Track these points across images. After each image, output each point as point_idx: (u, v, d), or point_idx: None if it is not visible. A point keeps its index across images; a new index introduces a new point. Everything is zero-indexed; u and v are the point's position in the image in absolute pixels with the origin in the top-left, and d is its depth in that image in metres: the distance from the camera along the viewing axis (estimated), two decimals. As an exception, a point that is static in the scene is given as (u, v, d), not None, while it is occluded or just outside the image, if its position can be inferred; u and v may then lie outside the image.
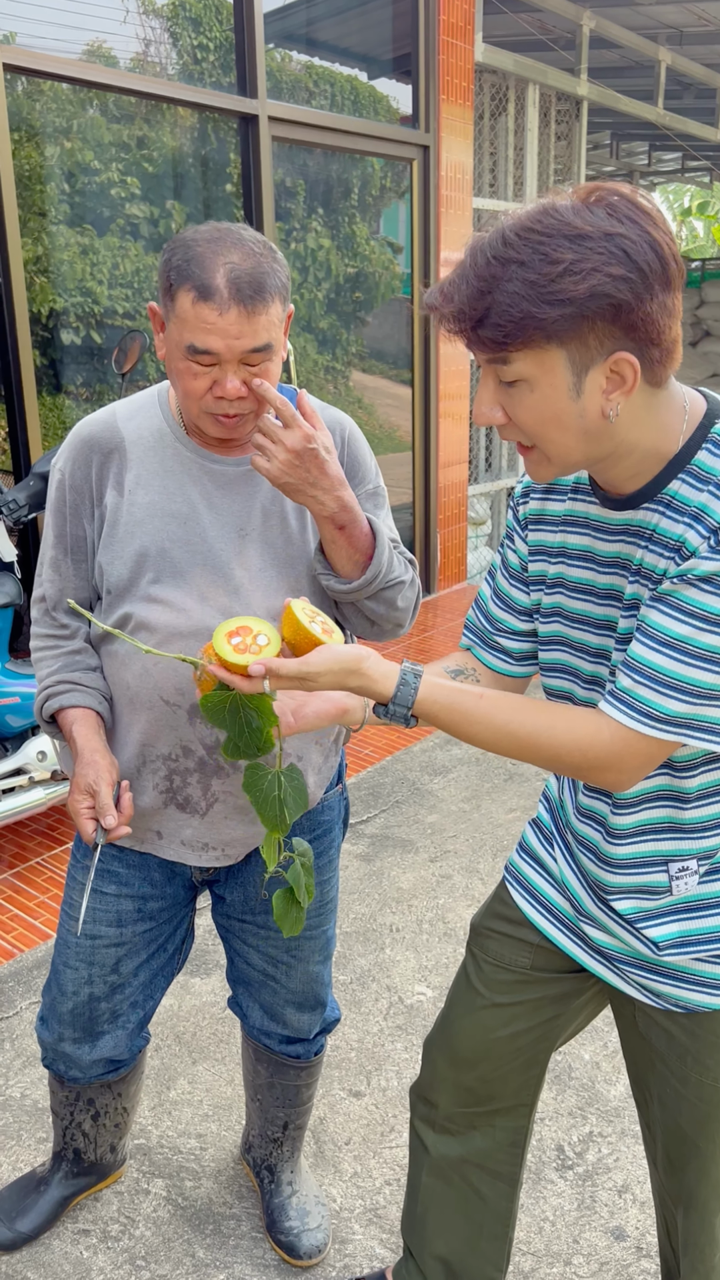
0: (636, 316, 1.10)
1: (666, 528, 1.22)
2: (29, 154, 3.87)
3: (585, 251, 1.08)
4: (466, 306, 1.12)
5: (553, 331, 1.10)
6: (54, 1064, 1.88)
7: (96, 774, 1.56)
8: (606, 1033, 2.60)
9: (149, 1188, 2.14)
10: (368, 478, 1.70)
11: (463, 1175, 1.69)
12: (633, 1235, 2.05)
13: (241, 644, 1.26)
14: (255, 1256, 2.00)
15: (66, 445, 1.65)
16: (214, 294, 1.42)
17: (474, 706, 1.28)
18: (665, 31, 7.58)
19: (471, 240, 1.15)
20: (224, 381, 1.47)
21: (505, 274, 1.09)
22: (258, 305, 1.43)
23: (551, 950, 1.55)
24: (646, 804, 1.36)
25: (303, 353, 5.35)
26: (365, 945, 2.95)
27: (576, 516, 1.36)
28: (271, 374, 1.50)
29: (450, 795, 3.87)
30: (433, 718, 1.28)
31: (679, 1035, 1.43)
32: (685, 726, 1.21)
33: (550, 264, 1.08)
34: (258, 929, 1.80)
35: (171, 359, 1.50)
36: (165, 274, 1.48)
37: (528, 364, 1.14)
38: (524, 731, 1.27)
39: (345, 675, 1.25)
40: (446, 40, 5.56)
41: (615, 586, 1.31)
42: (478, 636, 1.53)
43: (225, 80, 4.55)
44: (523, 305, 1.09)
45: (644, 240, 1.09)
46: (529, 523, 1.43)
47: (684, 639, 1.18)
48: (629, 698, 1.22)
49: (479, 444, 7.12)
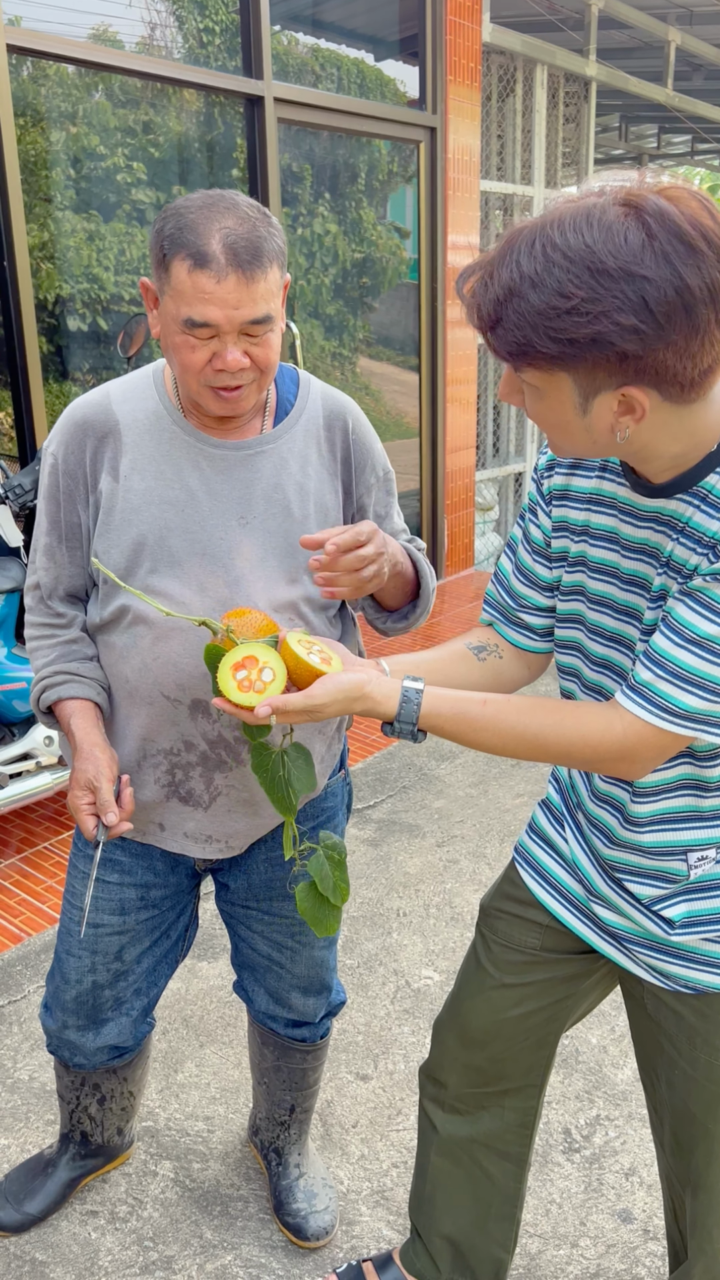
0: (646, 364, 1.06)
1: (701, 522, 1.20)
2: (34, 138, 3.85)
3: (600, 292, 1.02)
4: (483, 309, 1.10)
5: (554, 361, 1.07)
6: (59, 1050, 1.88)
7: (96, 769, 1.53)
8: (614, 1017, 2.59)
9: (157, 1169, 2.15)
10: (377, 464, 1.67)
11: (471, 1155, 1.69)
12: (640, 1218, 2.05)
13: (247, 679, 1.26)
14: (263, 1238, 2.00)
15: (59, 428, 1.59)
16: (210, 260, 1.37)
17: (479, 714, 1.27)
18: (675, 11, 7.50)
19: (511, 230, 1.10)
20: (224, 353, 1.41)
21: (520, 290, 1.06)
22: (256, 271, 1.38)
23: (561, 931, 1.55)
24: (667, 793, 1.35)
25: (310, 338, 5.32)
26: (372, 929, 2.95)
27: (604, 496, 1.34)
28: (272, 344, 1.45)
29: (457, 780, 3.87)
30: (439, 730, 1.28)
31: (688, 1016, 1.42)
32: (702, 722, 1.21)
33: (561, 297, 1.03)
34: (262, 915, 1.79)
35: (168, 334, 1.45)
36: (158, 244, 1.42)
37: (535, 378, 1.12)
38: (531, 732, 1.26)
39: (349, 702, 1.26)
40: (454, 21, 5.51)
41: (642, 574, 1.29)
42: (500, 612, 1.51)
43: (231, 63, 4.52)
44: (526, 332, 1.06)
45: (671, 285, 1.01)
46: (553, 498, 1.41)
47: (710, 638, 1.17)
48: (648, 691, 1.22)
49: (486, 429, 7.09)
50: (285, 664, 1.28)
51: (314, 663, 1.27)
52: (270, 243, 1.41)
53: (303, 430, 1.60)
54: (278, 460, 1.57)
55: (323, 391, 1.65)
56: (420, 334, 5.92)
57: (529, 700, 1.29)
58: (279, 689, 1.26)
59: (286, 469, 1.57)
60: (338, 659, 1.31)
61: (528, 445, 7.29)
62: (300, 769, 1.35)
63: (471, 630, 1.54)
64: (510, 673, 1.50)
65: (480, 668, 1.47)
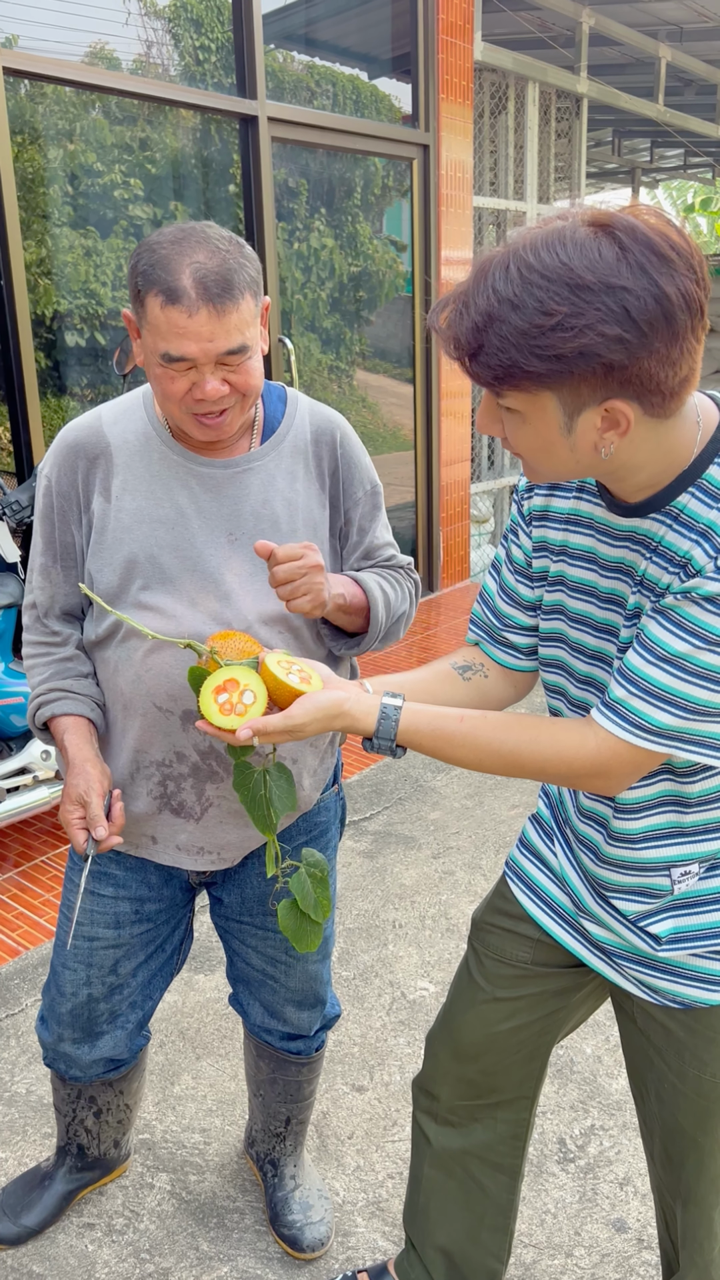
0: (631, 374, 1.07)
1: (672, 541, 1.22)
2: (31, 156, 3.89)
3: (582, 306, 1.04)
4: (461, 338, 1.11)
5: (540, 380, 1.08)
6: (55, 1063, 1.89)
7: (87, 784, 1.55)
8: (608, 1027, 2.61)
9: (153, 1182, 2.16)
10: (364, 478, 1.69)
11: (464, 1167, 1.70)
12: (634, 1227, 2.07)
13: (228, 702, 1.29)
14: (259, 1249, 2.01)
15: (52, 451, 1.63)
16: (181, 296, 1.39)
17: (455, 730, 1.29)
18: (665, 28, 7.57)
19: (480, 259, 1.12)
20: (203, 384, 1.44)
21: (499, 314, 1.07)
22: (227, 304, 1.41)
23: (551, 945, 1.56)
24: (650, 810, 1.36)
25: (306, 352, 5.36)
26: (368, 941, 2.96)
27: (581, 516, 1.36)
28: (251, 370, 1.48)
29: (453, 792, 3.89)
30: (417, 745, 1.30)
31: (677, 1031, 1.44)
32: (675, 739, 1.22)
33: (544, 315, 1.05)
34: (256, 929, 1.81)
35: (149, 365, 1.48)
36: (133, 280, 1.45)
37: (519, 400, 1.13)
38: (507, 748, 1.28)
39: (329, 720, 1.29)
40: (446, 39, 5.57)
41: (618, 593, 1.31)
42: (485, 632, 1.53)
43: (226, 81, 4.56)
44: (511, 354, 1.07)
45: (650, 294, 1.04)
46: (533, 518, 1.43)
47: (682, 655, 1.18)
48: (621, 708, 1.23)
49: (481, 442, 7.13)
50: (265, 685, 1.30)
51: (293, 683, 1.29)
52: (241, 274, 1.43)
53: (290, 447, 1.63)
54: (265, 477, 1.60)
55: (310, 408, 1.68)
56: (415, 347, 5.96)
57: (506, 716, 1.30)
58: (260, 711, 1.29)
59: (274, 485, 1.60)
60: (318, 678, 1.33)
61: (522, 457, 7.32)
62: (281, 788, 1.37)
63: (457, 650, 1.55)
64: (496, 692, 1.51)
65: (466, 687, 1.49)
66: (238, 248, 1.45)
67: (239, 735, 1.26)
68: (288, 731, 1.27)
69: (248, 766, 1.37)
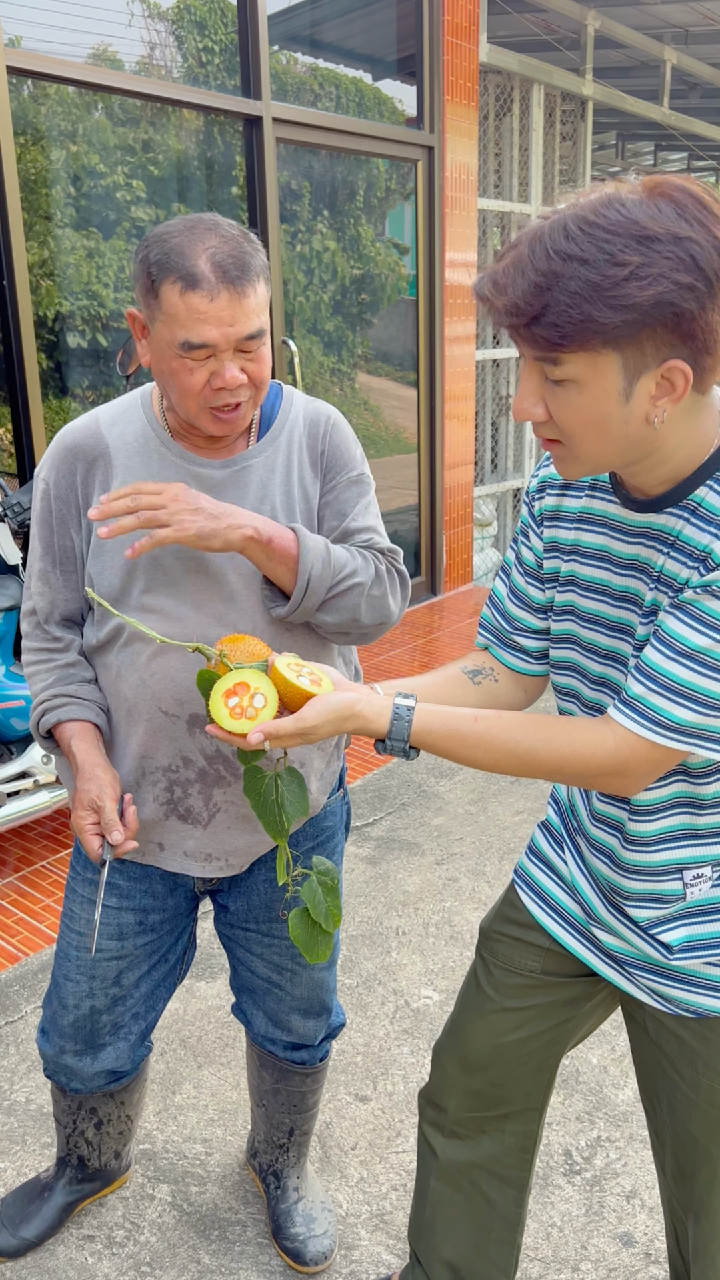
0: (697, 325, 1.06)
1: (691, 535, 1.20)
2: (35, 157, 3.87)
3: (653, 255, 1.04)
4: (522, 301, 1.08)
5: (611, 336, 1.06)
6: (56, 1075, 1.87)
7: (100, 789, 1.53)
8: (615, 1037, 2.58)
9: (154, 1193, 2.13)
10: (350, 465, 1.66)
11: (471, 1180, 1.67)
12: (641, 1241, 2.04)
13: (239, 706, 1.27)
14: (261, 1263, 1.98)
15: (50, 454, 1.61)
16: (201, 280, 1.39)
17: (470, 730, 1.27)
18: (671, 31, 7.56)
19: (528, 229, 1.11)
20: (223, 372, 1.44)
21: (566, 271, 1.05)
22: (246, 286, 1.41)
23: (562, 954, 1.54)
24: (664, 811, 1.34)
25: (309, 354, 5.34)
26: (371, 949, 2.94)
27: (594, 515, 1.34)
28: (265, 359, 1.48)
29: (456, 798, 3.86)
30: (430, 747, 1.28)
31: (690, 1040, 1.41)
32: (695, 736, 1.20)
33: (616, 265, 1.04)
34: (261, 937, 1.78)
35: (163, 359, 1.46)
36: (144, 272, 1.43)
37: (579, 365, 1.10)
38: (523, 748, 1.26)
39: (341, 722, 1.27)
40: (451, 41, 5.55)
41: (633, 590, 1.29)
42: (495, 636, 1.52)
43: (230, 82, 4.55)
44: (584, 307, 1.05)
45: (712, 245, 1.05)
46: (544, 519, 1.42)
47: (702, 650, 1.17)
48: (641, 705, 1.21)
49: (485, 445, 7.11)
50: (276, 688, 1.28)
51: (304, 685, 1.27)
52: (255, 259, 1.44)
53: (286, 441, 1.62)
54: (264, 473, 1.59)
55: (305, 402, 1.67)
56: (419, 350, 5.94)
57: (521, 716, 1.28)
58: (271, 714, 1.27)
59: (273, 480, 1.59)
60: (328, 680, 1.31)
61: (526, 461, 7.31)
62: (293, 793, 1.35)
63: (467, 655, 1.54)
64: (506, 696, 1.49)
65: (476, 691, 1.47)
66: (246, 235, 1.46)
67: (250, 739, 1.24)
68: (299, 734, 1.26)
69: (258, 771, 1.35)
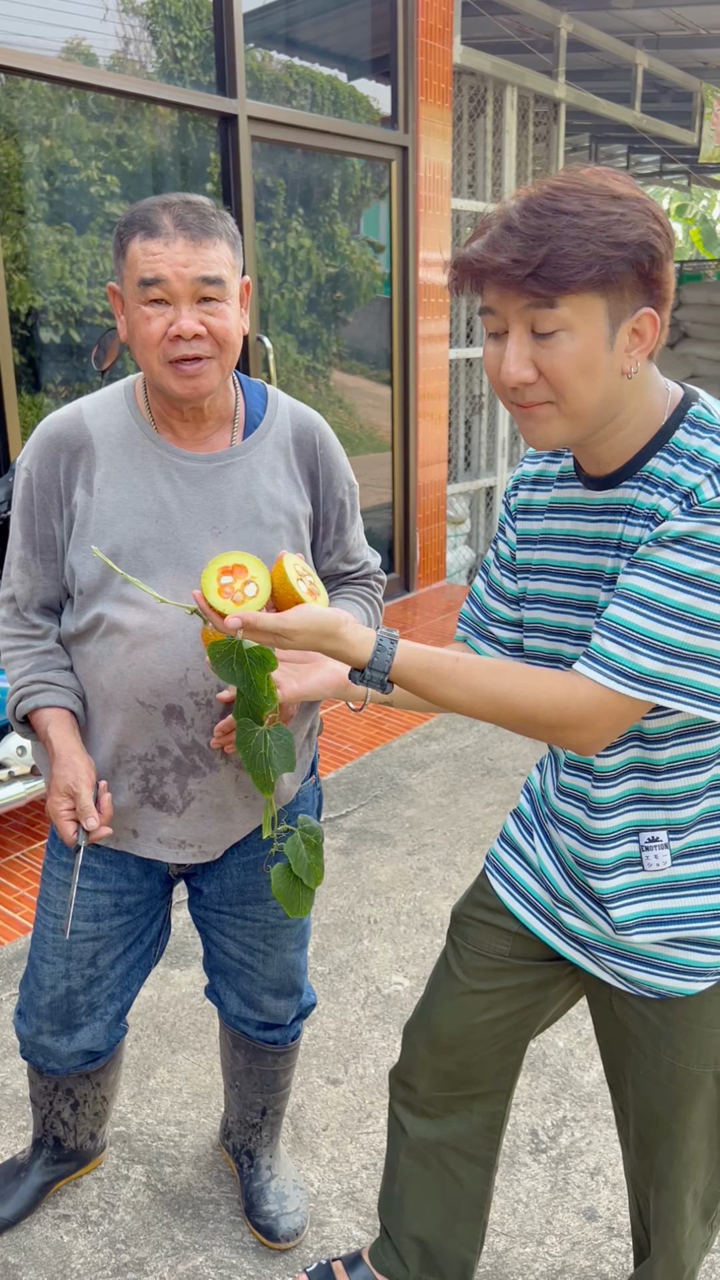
0: (663, 274, 1.20)
1: (644, 500, 1.28)
2: (8, 151, 3.88)
3: (626, 207, 1.18)
4: (520, 255, 1.16)
5: (609, 274, 1.16)
6: (32, 1056, 1.89)
7: (75, 775, 1.56)
8: (580, 1020, 2.64)
9: (129, 1173, 2.17)
10: (344, 479, 1.72)
11: (439, 1158, 1.72)
12: (604, 1216, 2.09)
13: (230, 586, 1.25)
14: (234, 1239, 2.02)
15: (32, 443, 1.63)
16: (159, 229, 1.46)
17: (450, 669, 1.29)
18: (642, 35, 7.64)
19: (497, 209, 1.22)
20: (179, 320, 1.47)
21: (559, 223, 1.15)
22: (203, 238, 1.47)
23: (530, 938, 1.58)
24: (622, 776, 1.39)
25: (283, 352, 5.37)
26: (344, 937, 2.98)
27: (561, 503, 1.41)
28: (228, 316, 1.51)
29: (428, 790, 3.91)
30: (409, 682, 1.29)
31: (652, 1019, 1.46)
32: (658, 686, 1.24)
33: (602, 215, 1.16)
34: (235, 919, 1.82)
35: (129, 314, 1.51)
36: (117, 239, 1.51)
37: (572, 310, 1.18)
38: (500, 692, 1.28)
39: (321, 637, 1.26)
40: (425, 42, 5.59)
41: (597, 566, 1.35)
42: (472, 628, 1.57)
43: (205, 79, 4.57)
44: (589, 246, 1.15)
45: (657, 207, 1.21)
46: (518, 513, 1.49)
47: (657, 597, 1.22)
48: (603, 656, 1.25)
49: (458, 444, 7.16)
50: (272, 583, 1.26)
51: (300, 590, 1.25)
52: (219, 223, 1.50)
53: (272, 442, 1.65)
54: (248, 471, 1.62)
55: (291, 405, 1.70)
56: (393, 348, 5.98)
57: (502, 662, 1.32)
58: (258, 606, 1.25)
59: (257, 479, 1.62)
60: (325, 596, 1.32)
61: (498, 460, 7.37)
62: (282, 748, 1.37)
63: (446, 646, 1.57)
64: None
65: None
66: (217, 209, 1.52)
67: (228, 622, 1.23)
68: (276, 634, 1.25)
69: (250, 724, 1.36)
